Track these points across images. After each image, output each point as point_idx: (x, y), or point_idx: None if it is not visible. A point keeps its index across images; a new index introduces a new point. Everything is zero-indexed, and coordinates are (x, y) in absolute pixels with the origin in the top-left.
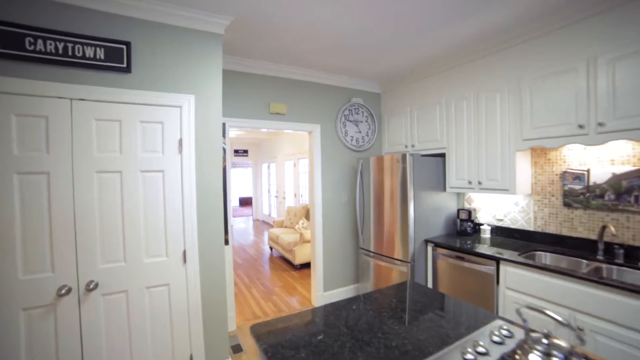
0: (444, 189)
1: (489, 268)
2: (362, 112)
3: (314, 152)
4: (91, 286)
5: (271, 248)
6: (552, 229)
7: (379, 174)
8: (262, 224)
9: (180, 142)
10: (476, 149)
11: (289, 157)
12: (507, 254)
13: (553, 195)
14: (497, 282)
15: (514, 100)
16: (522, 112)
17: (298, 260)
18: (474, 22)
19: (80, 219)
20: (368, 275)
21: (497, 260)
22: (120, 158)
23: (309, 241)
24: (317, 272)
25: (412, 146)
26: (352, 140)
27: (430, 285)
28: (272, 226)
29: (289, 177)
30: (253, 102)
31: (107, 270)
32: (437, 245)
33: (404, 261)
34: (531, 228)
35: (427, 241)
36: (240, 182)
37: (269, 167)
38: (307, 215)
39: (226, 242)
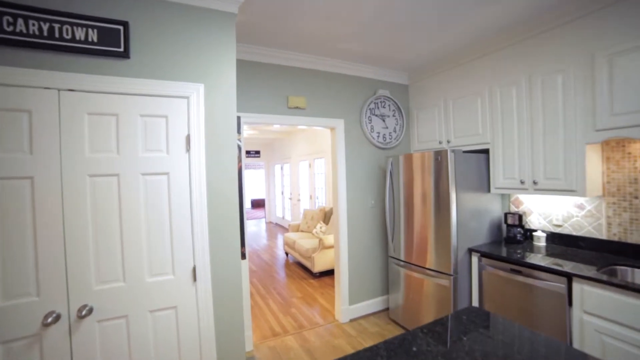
0: (488, 190)
1: (557, 285)
2: (389, 105)
3: (337, 150)
4: (84, 312)
5: (287, 253)
6: (635, 239)
7: (410, 173)
8: (275, 227)
9: (188, 139)
10: (530, 143)
11: (304, 158)
12: (569, 265)
13: (636, 197)
14: (570, 304)
15: (583, 81)
16: (596, 96)
17: (317, 268)
18: None
19: (70, 231)
20: (399, 286)
21: (568, 277)
22: (118, 159)
23: (329, 247)
24: (342, 282)
25: (448, 142)
26: (378, 136)
27: (475, 302)
28: (286, 229)
29: (303, 178)
30: (270, 96)
31: (103, 292)
32: (484, 255)
33: (445, 273)
34: (603, 236)
35: (471, 250)
36: (252, 184)
37: (282, 168)
38: (325, 219)
39: (243, 255)
